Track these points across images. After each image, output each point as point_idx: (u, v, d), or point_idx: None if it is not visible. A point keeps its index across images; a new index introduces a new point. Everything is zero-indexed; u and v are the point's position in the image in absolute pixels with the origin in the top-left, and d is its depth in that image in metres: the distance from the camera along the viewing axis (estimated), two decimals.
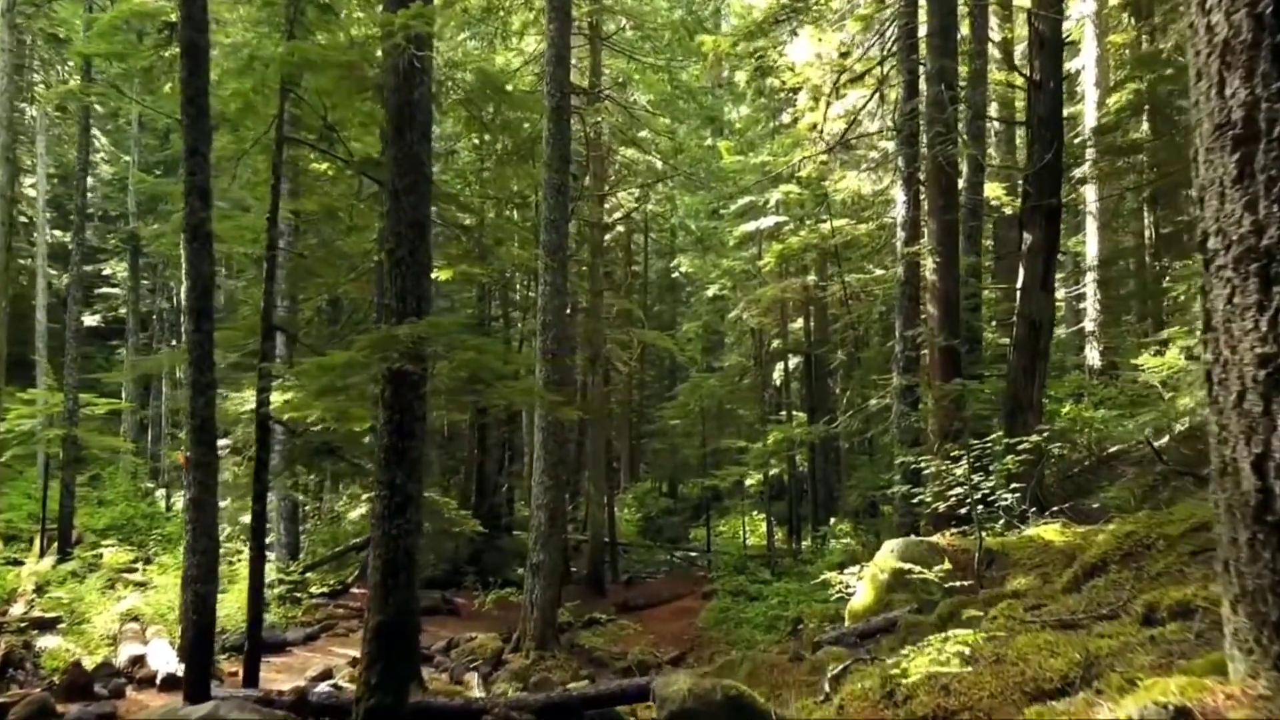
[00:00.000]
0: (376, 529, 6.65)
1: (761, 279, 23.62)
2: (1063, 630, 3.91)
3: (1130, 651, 3.06)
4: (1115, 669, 2.87)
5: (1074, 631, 3.82)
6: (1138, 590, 4.66)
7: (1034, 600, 5.24)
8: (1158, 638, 3.13)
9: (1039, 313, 11.88)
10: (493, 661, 13.17)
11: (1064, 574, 6.25)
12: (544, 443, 13.89)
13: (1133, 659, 2.94)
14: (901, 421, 12.52)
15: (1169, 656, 2.84)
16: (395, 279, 6.75)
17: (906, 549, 8.33)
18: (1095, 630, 3.74)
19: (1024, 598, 6.37)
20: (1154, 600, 3.54)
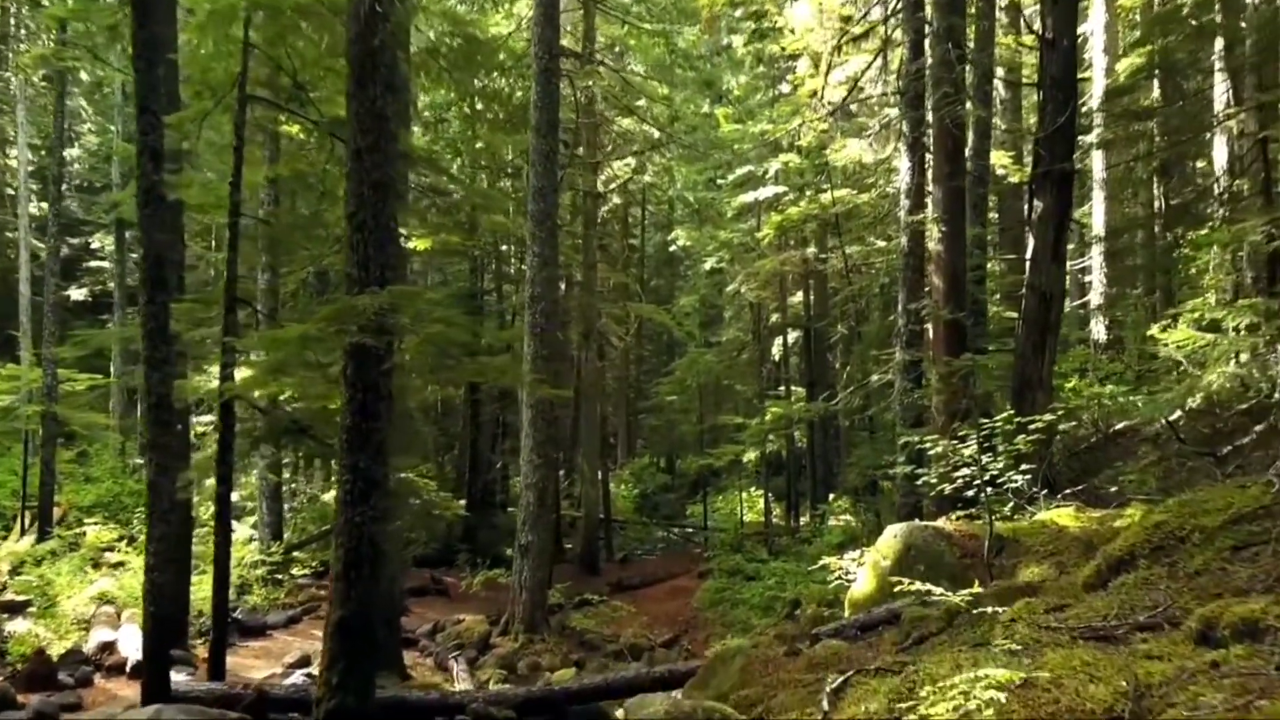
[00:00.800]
0: (339, 516, 6.14)
1: (760, 251, 23.02)
2: (1097, 643, 3.40)
3: (1189, 681, 2.56)
4: (1173, 704, 2.38)
5: (1111, 646, 3.32)
6: (1174, 592, 4.16)
7: (1055, 599, 4.73)
8: (1222, 664, 2.63)
9: (1049, 284, 11.32)
10: (480, 645, 12.74)
11: (1084, 566, 5.75)
12: (533, 420, 13.38)
13: (1196, 692, 2.44)
14: (904, 398, 12.00)
15: (1243, 694, 2.34)
16: (357, 245, 6.20)
17: (911, 534, 7.83)
18: (1137, 646, 3.24)
19: (1040, 592, 5.87)
20: (1212, 615, 3.03)
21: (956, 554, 7.56)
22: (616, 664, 13.07)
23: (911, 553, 7.74)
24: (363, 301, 5.83)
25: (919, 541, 7.73)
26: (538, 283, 13.48)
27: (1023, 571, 6.91)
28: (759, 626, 14.44)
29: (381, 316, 5.86)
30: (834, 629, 7.24)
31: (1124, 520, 7.18)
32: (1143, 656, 2.95)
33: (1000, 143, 19.23)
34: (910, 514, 11.65)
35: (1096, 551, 6.79)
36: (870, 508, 17.78)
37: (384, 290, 5.86)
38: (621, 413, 36.29)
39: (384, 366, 6.02)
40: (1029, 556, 7.20)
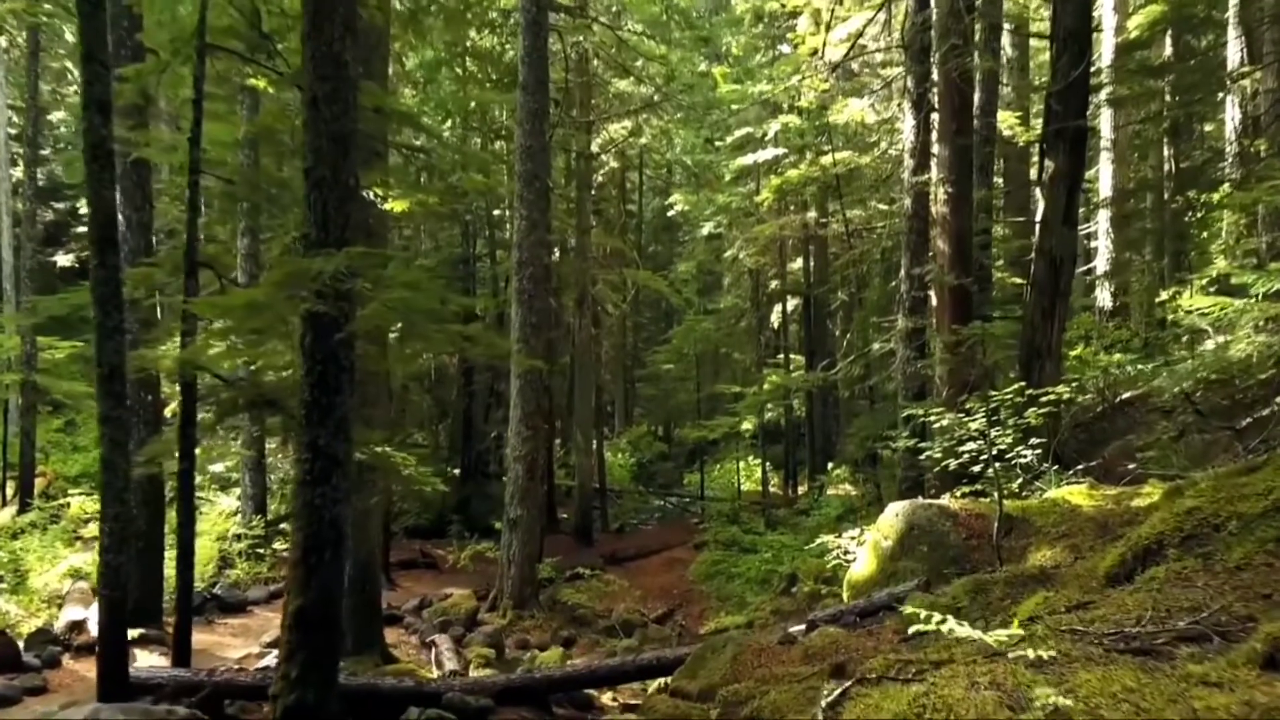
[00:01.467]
0: (297, 498, 5.68)
1: (759, 216, 22.42)
2: (1135, 657, 2.94)
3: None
4: None
5: (1153, 662, 2.86)
6: (1214, 591, 3.70)
7: (1076, 593, 4.27)
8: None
9: (1060, 248, 10.79)
10: (467, 622, 12.37)
11: (1102, 551, 5.29)
12: (521, 391, 12.91)
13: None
14: (906, 368, 11.52)
15: None
16: (315, 203, 5.67)
17: (914, 513, 7.38)
18: (1186, 664, 2.78)
19: (1056, 581, 5.41)
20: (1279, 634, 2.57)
21: (961, 535, 7.13)
22: (608, 640, 12.73)
23: (914, 532, 7.30)
24: (316, 264, 5.31)
25: (922, 521, 7.29)
26: (525, 247, 12.94)
27: (1034, 554, 6.47)
28: (755, 602, 14.09)
29: (339, 281, 5.35)
30: (832, 614, 6.81)
31: (1142, 500, 6.73)
32: (1197, 683, 2.50)
33: (1006, 103, 18.60)
34: (911, 488, 11.23)
35: (1113, 533, 6.35)
36: (870, 479, 17.38)
37: (341, 252, 5.35)
38: (619, 381, 35.86)
39: (343, 335, 5.53)
40: (1040, 538, 6.75)
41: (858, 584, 7.61)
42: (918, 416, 8.08)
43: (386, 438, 8.09)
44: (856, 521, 15.18)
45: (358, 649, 9.99)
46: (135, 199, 10.71)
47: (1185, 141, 21.58)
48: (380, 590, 10.36)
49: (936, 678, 3.20)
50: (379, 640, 10.27)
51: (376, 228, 10.11)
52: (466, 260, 24.54)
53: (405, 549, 18.12)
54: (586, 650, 12.36)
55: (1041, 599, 4.18)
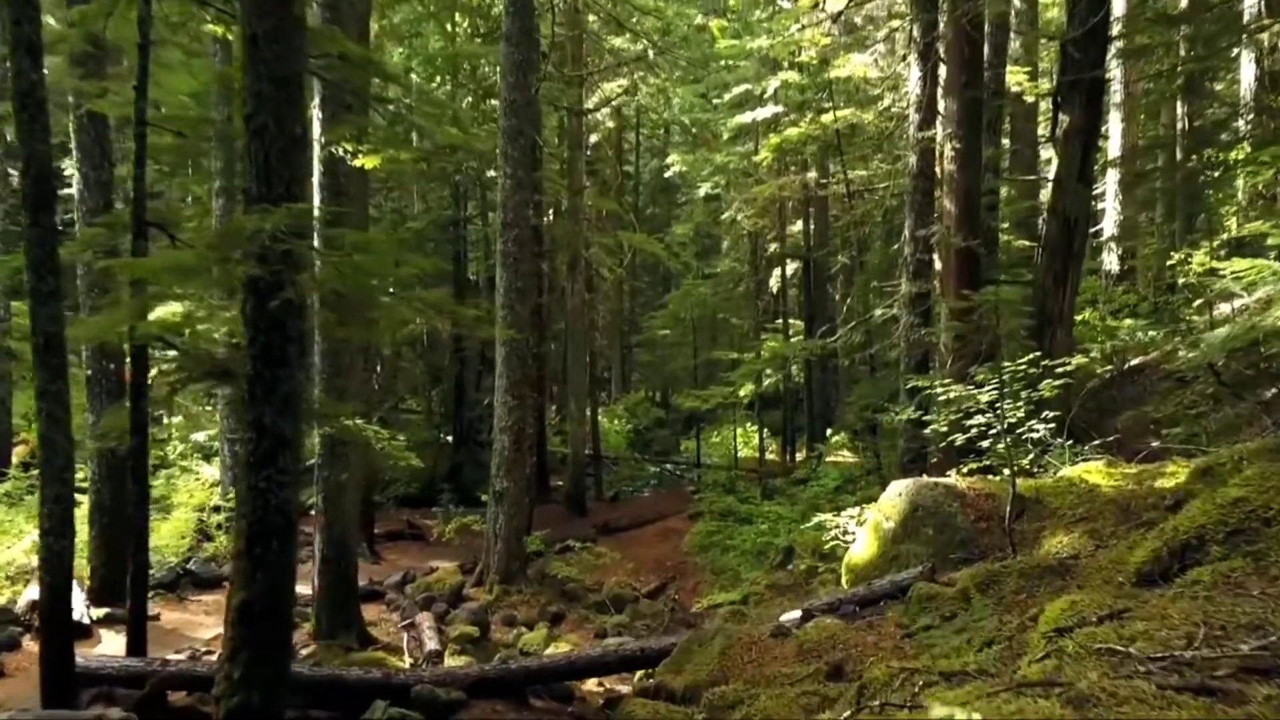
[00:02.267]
0: (240, 481, 5.16)
1: (757, 176, 21.71)
2: (1195, 695, 2.42)
3: None
4: None
5: (1220, 706, 2.34)
6: (1274, 601, 3.17)
7: (1108, 597, 3.74)
8: None
9: (1074, 208, 10.20)
10: (451, 598, 11.92)
11: (1134, 546, 4.77)
12: (506, 359, 12.36)
13: None
14: (910, 335, 10.96)
15: None
16: (255, 154, 5.08)
17: (918, 493, 6.87)
18: (1261, 711, 2.26)
19: (1078, 574, 4.90)
20: None
21: (970, 517, 6.63)
22: (598, 616, 12.30)
23: (918, 513, 6.80)
24: (251, 223, 4.74)
25: (927, 501, 6.78)
26: (510, 207, 12.31)
27: (1049, 539, 5.96)
28: (750, 578, 13.66)
29: (276, 243, 4.77)
30: (829, 603, 6.32)
31: (1167, 479, 6.21)
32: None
33: (1014, 58, 17.85)
34: (913, 462, 10.73)
35: (1137, 517, 5.84)
36: (869, 447, 16.88)
37: (280, 209, 4.76)
38: (615, 346, 35.33)
39: (288, 302, 4.96)
40: (1055, 521, 6.25)
41: (857, 567, 7.12)
42: (923, 388, 7.53)
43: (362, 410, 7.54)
44: (855, 492, 14.74)
45: (333, 630, 9.57)
46: (93, 156, 10.10)
47: (1199, 98, 20.82)
48: (356, 568, 9.89)
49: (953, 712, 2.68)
50: (356, 620, 9.83)
51: (348, 186, 9.51)
52: (457, 223, 23.88)
53: (393, 520, 17.69)
54: (575, 626, 11.94)
55: (1068, 605, 3.65)
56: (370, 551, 14.46)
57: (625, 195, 35.39)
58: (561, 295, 21.85)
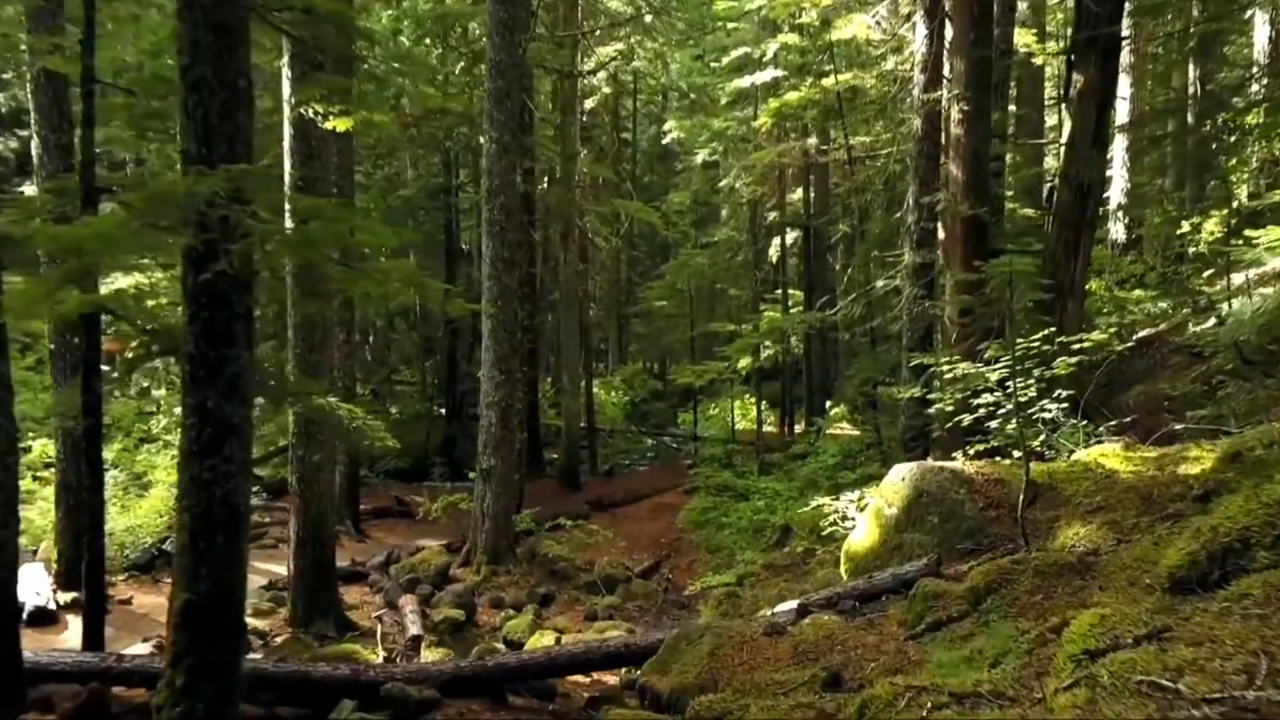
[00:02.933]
0: (182, 471, 4.71)
1: (756, 143, 21.12)
2: None
3: None
4: None
5: None
6: None
7: (1143, 610, 3.30)
8: None
9: (1087, 173, 9.70)
10: (437, 578, 11.54)
11: (1166, 546, 4.33)
12: (493, 332, 11.89)
13: None
14: (913, 308, 10.49)
15: None
16: (193, 110, 4.58)
17: (923, 478, 6.43)
18: None
19: (1100, 574, 4.47)
20: None
21: (978, 504, 6.19)
22: (588, 597, 11.93)
23: (923, 500, 6.36)
24: (186, 186, 4.25)
25: (932, 487, 6.34)
26: (496, 173, 11.78)
27: (1065, 531, 5.53)
28: (745, 559, 13.29)
29: (214, 209, 4.29)
30: (827, 597, 5.90)
31: (1191, 465, 5.77)
32: None
33: (1021, 20, 17.21)
34: (915, 440, 10.29)
35: (1160, 508, 5.41)
36: (870, 421, 16.45)
37: (218, 171, 4.27)
38: (612, 317, 34.88)
39: (230, 274, 4.48)
40: (1070, 510, 5.81)
41: (857, 556, 6.70)
42: (927, 365, 7.07)
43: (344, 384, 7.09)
44: (855, 468, 14.33)
45: (310, 615, 9.18)
46: (51, 118, 9.54)
47: (1211, 61, 20.18)
48: (334, 550, 9.49)
49: None
50: (334, 604, 9.44)
51: (321, 150, 8.98)
52: (448, 190, 23.27)
53: (381, 496, 17.31)
54: (565, 608, 11.58)
55: (1096, 619, 3.22)
56: (356, 529, 14.09)
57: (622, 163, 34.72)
58: (555, 265, 21.34)
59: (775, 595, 10.86)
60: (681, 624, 6.19)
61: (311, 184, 8.82)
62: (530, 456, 19.71)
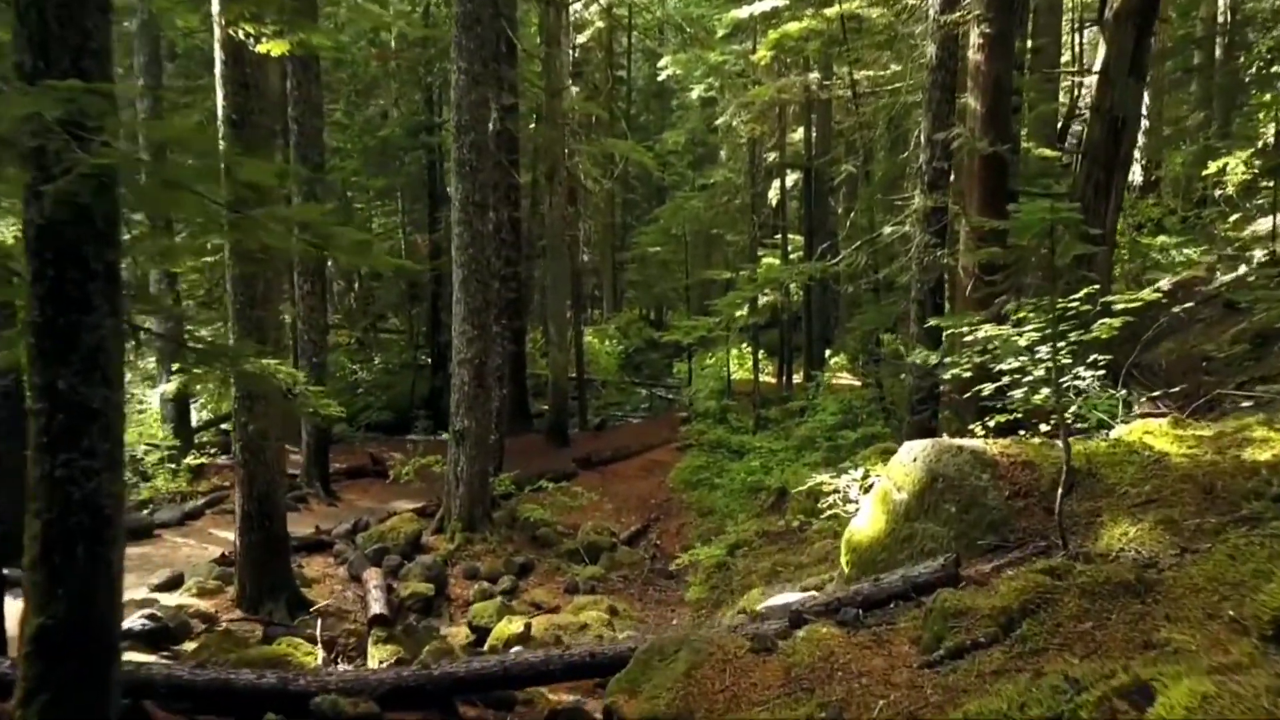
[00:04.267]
0: (33, 467, 3.82)
1: (755, 78, 19.86)
2: None
3: None
4: None
5: None
6: None
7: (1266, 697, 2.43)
8: None
9: (1124, 105, 8.66)
10: (407, 548, 10.75)
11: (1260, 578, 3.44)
12: (464, 283, 10.93)
13: None
14: (924, 256, 9.50)
15: None
16: (26, 13, 3.60)
17: (938, 458, 5.54)
18: None
19: (1163, 600, 3.60)
20: None
21: (1003, 492, 5.30)
22: (569, 567, 11.18)
23: (938, 485, 5.47)
24: (15, 107, 3.28)
25: (949, 470, 5.45)
26: (466, 107, 10.71)
27: (1109, 530, 4.65)
28: (737, 528, 12.49)
29: (46, 137, 3.33)
30: (825, 603, 5.05)
31: (1259, 449, 4.88)
32: None
33: None
34: (924, 402, 9.40)
35: (1225, 502, 4.53)
36: (872, 376, 15.54)
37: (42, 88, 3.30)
38: (607, 262, 33.84)
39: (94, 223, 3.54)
40: (1115, 502, 4.93)
41: (861, 547, 5.84)
42: (944, 328, 6.14)
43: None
44: (856, 426, 13.48)
45: (258, 596, 8.39)
46: None
47: None
48: (284, 524, 8.65)
49: None
50: (286, 583, 8.64)
51: (257, 79, 7.92)
52: (430, 129, 22.01)
53: (357, 453, 16.49)
54: (544, 579, 10.82)
55: (1192, 698, 2.34)
56: (325, 492, 13.28)
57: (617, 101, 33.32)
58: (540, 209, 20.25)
59: (769, 568, 10.11)
60: (656, 637, 5.35)
61: (246, 119, 7.81)
62: (516, 411, 18.88)
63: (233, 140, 7.82)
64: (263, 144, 7.97)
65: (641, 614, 9.83)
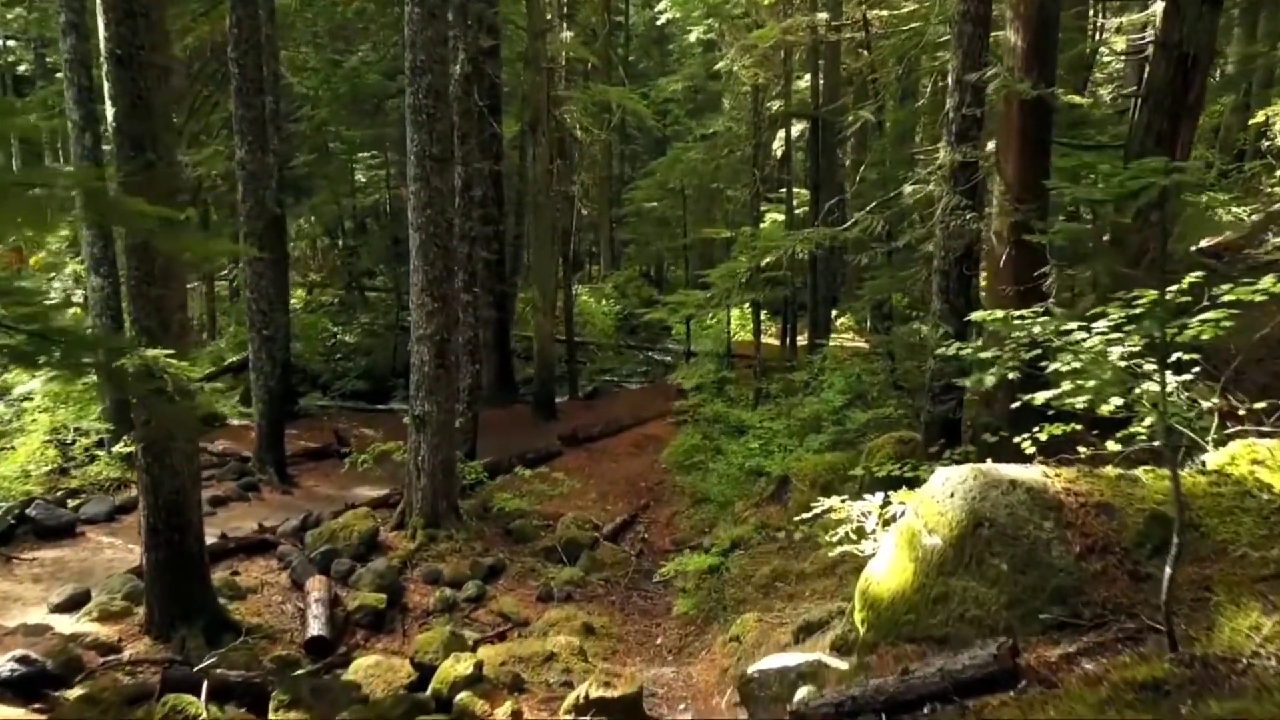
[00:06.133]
0: None
1: (757, 19, 18.25)
2: None
3: None
4: None
5: None
6: None
7: None
8: None
9: (1196, 38, 7.21)
10: (362, 549, 9.55)
11: None
12: (421, 248, 9.58)
13: None
14: (950, 219, 8.12)
15: None
16: None
17: (984, 496, 4.26)
18: None
19: None
20: None
21: (1073, 546, 4.01)
22: (545, 568, 9.98)
23: (984, 531, 4.19)
24: None
25: (1000, 514, 4.16)
26: (420, 45, 9.26)
27: (1229, 617, 3.37)
28: (735, 511, 11.29)
29: None
30: (835, 702, 3.79)
31: None
32: None
33: None
34: (946, 393, 8.12)
35: None
36: (882, 346, 14.18)
37: None
38: (605, 218, 32.36)
39: None
40: (1229, 569, 3.64)
41: (882, 604, 4.57)
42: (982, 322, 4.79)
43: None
44: (866, 407, 12.17)
45: (169, 621, 7.20)
46: None
47: None
48: (199, 535, 7.43)
49: None
50: (204, 604, 7.43)
51: (149, 7, 6.52)
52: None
53: (324, 430, 15.24)
54: (515, 584, 9.64)
55: None
56: (280, 478, 12.06)
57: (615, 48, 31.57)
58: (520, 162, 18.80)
59: (767, 576, 8.88)
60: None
61: (134, 55, 6.43)
62: (501, 382, 17.65)
63: (118, 81, 6.47)
64: (156, 86, 6.59)
65: (623, 629, 8.64)
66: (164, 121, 6.72)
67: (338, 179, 23.79)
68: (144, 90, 6.53)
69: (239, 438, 13.75)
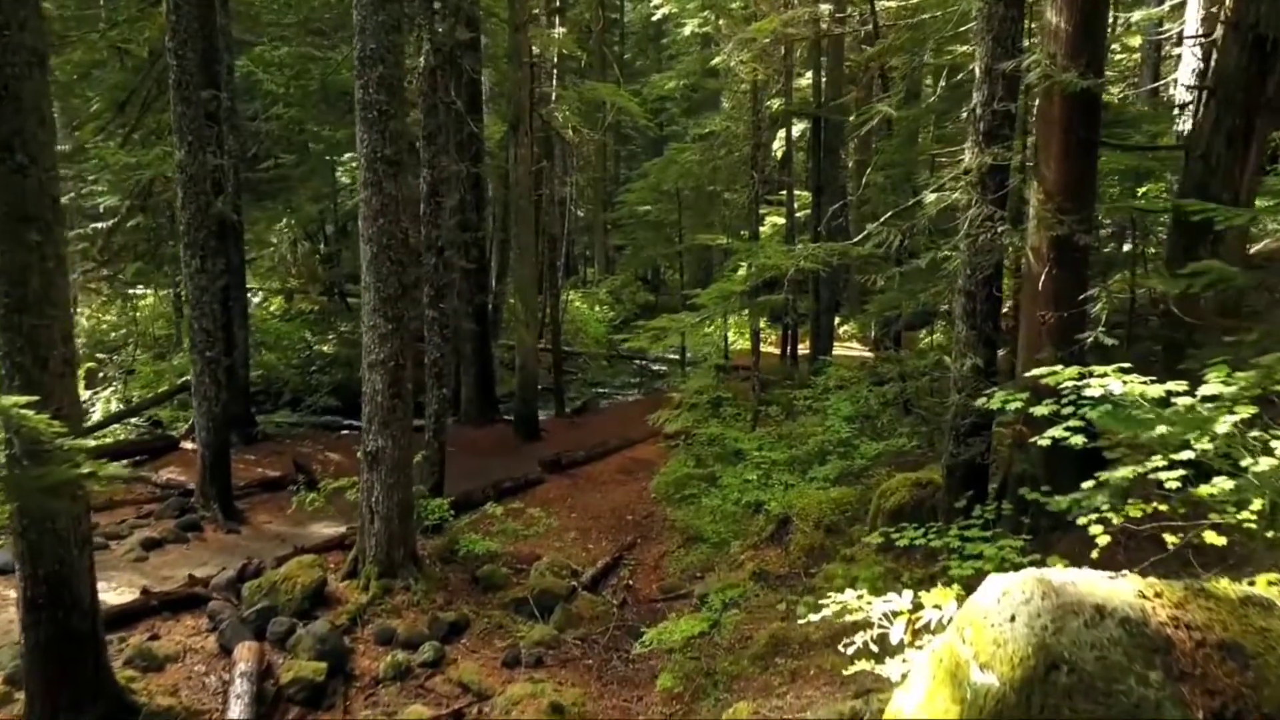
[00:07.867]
0: None
1: (755, 11, 17.16)
2: None
3: None
4: None
5: None
6: None
7: None
8: None
9: (1274, 21, 6.07)
10: (305, 604, 8.41)
11: None
12: (373, 262, 8.44)
13: None
14: (978, 232, 6.98)
15: None
16: None
17: (1056, 625, 3.11)
18: None
19: None
20: None
21: (1197, 709, 2.86)
22: (515, 624, 8.83)
23: (1060, 676, 3.01)
24: None
25: (1085, 656, 2.99)
26: (371, 32, 8.12)
27: None
28: (730, 552, 10.16)
29: None
30: None
31: None
32: None
33: None
34: (972, 434, 6.96)
35: None
36: (890, 362, 13.03)
37: None
38: (599, 222, 31.31)
39: None
40: None
41: None
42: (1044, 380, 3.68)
43: None
44: (876, 438, 11.04)
45: (54, 711, 6.04)
46: None
47: None
48: (92, 610, 6.27)
49: None
50: (96, 689, 6.28)
51: None
52: None
53: (284, 455, 14.07)
54: (479, 644, 8.49)
55: None
56: (225, 514, 10.91)
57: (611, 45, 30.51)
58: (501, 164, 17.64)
59: (765, 644, 7.71)
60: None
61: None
62: (482, 400, 16.52)
63: None
64: (26, 74, 5.45)
65: (597, 705, 7.49)
66: (37, 117, 5.57)
67: (317, 180, 22.69)
68: (10, 79, 5.40)
69: (191, 464, 12.62)
